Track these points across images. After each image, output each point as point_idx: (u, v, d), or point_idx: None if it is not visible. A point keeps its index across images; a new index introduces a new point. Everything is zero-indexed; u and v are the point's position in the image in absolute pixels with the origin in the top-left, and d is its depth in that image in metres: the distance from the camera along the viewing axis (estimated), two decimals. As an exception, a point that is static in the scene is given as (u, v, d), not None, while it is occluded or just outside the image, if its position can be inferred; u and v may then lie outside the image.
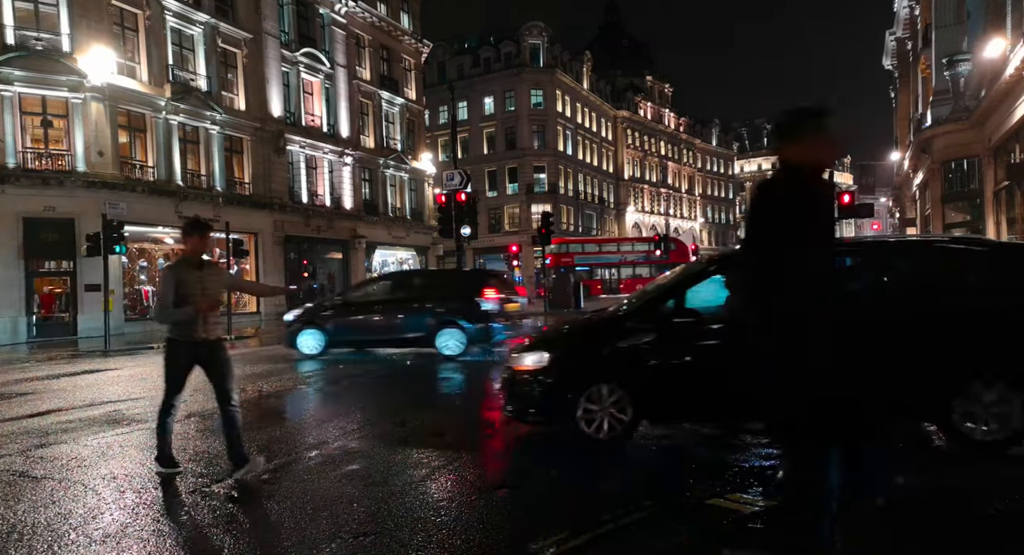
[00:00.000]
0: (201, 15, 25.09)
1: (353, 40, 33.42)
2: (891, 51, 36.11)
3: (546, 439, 5.77)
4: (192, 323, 4.73)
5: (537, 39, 53.17)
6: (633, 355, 5.29)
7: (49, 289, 21.66)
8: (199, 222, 4.98)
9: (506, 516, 3.96)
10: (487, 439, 6.23)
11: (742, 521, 3.65)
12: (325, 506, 4.14)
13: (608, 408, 5.23)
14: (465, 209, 21.39)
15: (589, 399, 5.26)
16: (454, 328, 11.87)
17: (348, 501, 4.23)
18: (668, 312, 5.36)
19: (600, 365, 5.39)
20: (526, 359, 5.56)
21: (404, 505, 4.11)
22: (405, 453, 5.42)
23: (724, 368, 5.03)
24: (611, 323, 5.75)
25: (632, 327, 5.40)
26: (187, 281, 4.74)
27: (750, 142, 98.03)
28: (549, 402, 5.45)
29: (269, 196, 27.61)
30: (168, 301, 4.73)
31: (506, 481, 4.78)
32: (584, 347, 5.67)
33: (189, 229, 4.91)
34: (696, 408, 5.32)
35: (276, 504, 4.25)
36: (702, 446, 5.45)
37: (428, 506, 4.11)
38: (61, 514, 4.15)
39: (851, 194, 20.24)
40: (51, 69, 20.51)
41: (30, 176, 20.40)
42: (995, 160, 17.26)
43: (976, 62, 17.44)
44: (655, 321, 5.38)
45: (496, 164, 53.62)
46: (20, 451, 5.82)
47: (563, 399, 5.32)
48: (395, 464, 5.10)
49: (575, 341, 5.90)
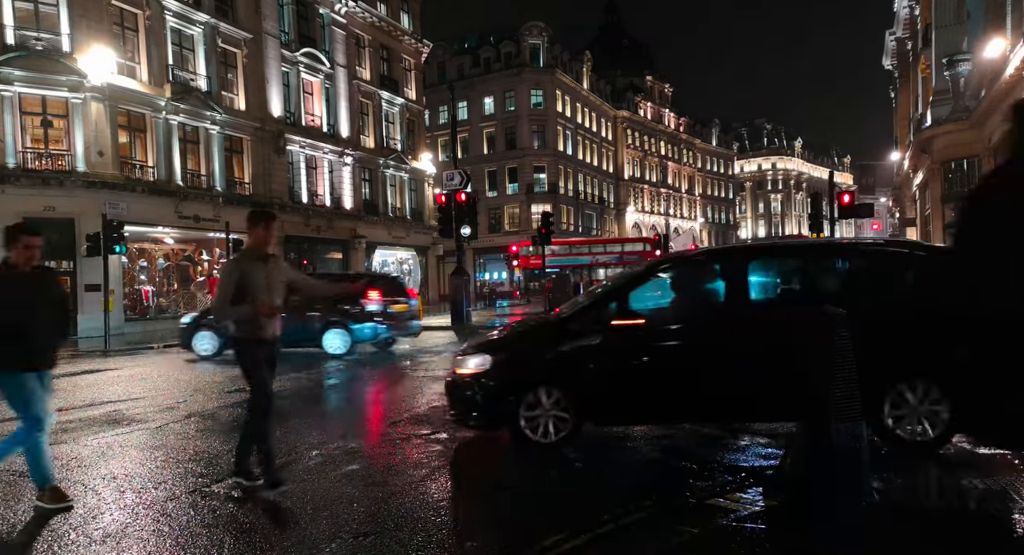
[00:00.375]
0: (201, 15, 25.08)
1: (353, 40, 33.42)
2: (891, 51, 36.12)
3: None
4: (256, 320, 4.40)
5: (537, 39, 53.17)
6: (574, 358, 5.28)
7: (49, 289, 21.64)
8: (265, 211, 4.71)
9: (506, 516, 3.96)
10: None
11: (743, 521, 3.65)
12: (325, 506, 4.14)
13: (550, 412, 5.20)
14: (465, 209, 21.40)
15: (530, 403, 5.21)
16: (340, 329, 12.81)
17: (348, 501, 4.23)
18: (610, 314, 5.39)
19: (541, 368, 5.35)
20: (468, 363, 5.49)
21: (404, 505, 4.11)
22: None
23: (670, 369, 5.19)
24: (553, 326, 5.73)
25: (574, 330, 5.38)
26: (252, 275, 4.42)
27: (750, 142, 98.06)
28: (491, 406, 5.38)
29: (269, 196, 27.60)
30: (227, 296, 4.39)
31: (506, 481, 4.79)
32: (526, 350, 5.62)
33: (254, 219, 4.57)
34: (641, 410, 5.32)
35: (277, 503, 4.26)
36: (702, 446, 5.45)
37: (428, 506, 4.11)
38: (61, 514, 4.14)
39: (851, 194, 20.29)
40: (51, 69, 20.51)
41: (30, 176, 20.40)
42: (995, 160, 17.24)
43: (976, 62, 17.45)
44: (597, 324, 5.35)
45: (496, 164, 53.62)
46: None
47: (505, 403, 5.26)
48: (396, 465, 5.11)
49: (517, 344, 5.86)
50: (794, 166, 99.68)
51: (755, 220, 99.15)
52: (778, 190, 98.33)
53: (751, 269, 5.50)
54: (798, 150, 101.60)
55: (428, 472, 4.86)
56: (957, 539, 3.41)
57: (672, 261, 6.36)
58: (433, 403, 7.52)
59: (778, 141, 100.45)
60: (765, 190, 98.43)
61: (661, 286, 5.80)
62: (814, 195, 22.86)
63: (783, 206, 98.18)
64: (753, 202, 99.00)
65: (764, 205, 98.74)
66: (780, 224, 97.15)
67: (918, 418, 4.80)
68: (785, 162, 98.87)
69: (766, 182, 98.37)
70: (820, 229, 21.95)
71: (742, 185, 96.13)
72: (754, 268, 5.61)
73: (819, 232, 22.08)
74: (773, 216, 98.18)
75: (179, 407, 7.77)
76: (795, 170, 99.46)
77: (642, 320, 5.42)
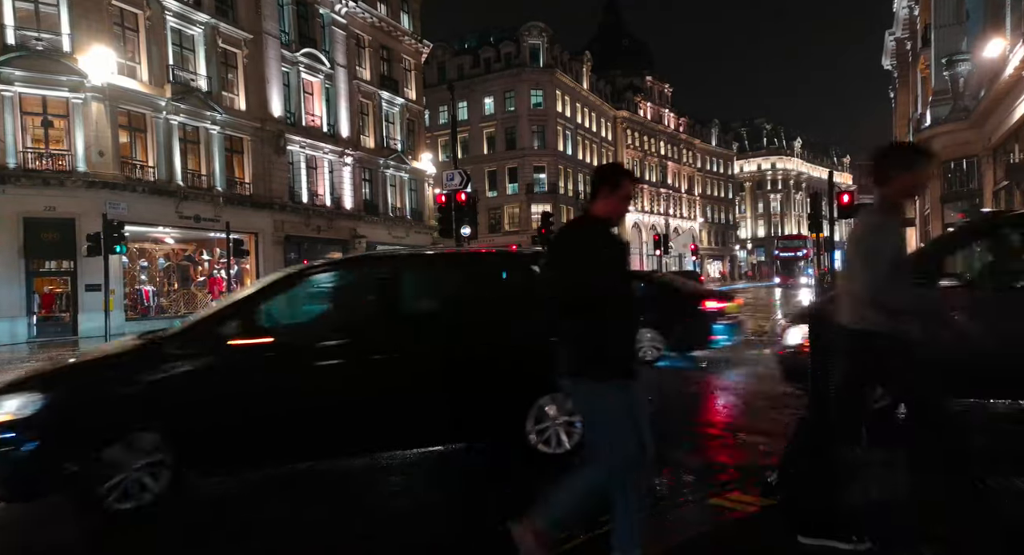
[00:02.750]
0: (201, 15, 25.09)
1: (353, 40, 33.43)
2: (891, 51, 36.17)
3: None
4: (932, 313, 3.27)
5: (537, 39, 53.18)
6: (170, 391, 4.03)
7: (49, 289, 21.66)
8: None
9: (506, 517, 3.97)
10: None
11: (743, 521, 3.65)
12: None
13: (135, 468, 3.86)
14: (465, 209, 21.40)
15: (104, 458, 3.81)
16: None
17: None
18: (228, 333, 4.26)
19: (122, 407, 3.97)
20: (3, 406, 3.86)
21: (402, 506, 4.11)
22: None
23: (297, 397, 4.23)
24: (143, 351, 4.36)
25: (172, 354, 4.16)
26: (902, 245, 3.08)
27: (750, 142, 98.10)
28: (35, 469, 3.82)
29: (269, 196, 27.62)
30: (890, 272, 2.92)
31: (505, 482, 4.80)
32: (97, 384, 4.12)
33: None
34: (262, 452, 4.26)
35: (275, 504, 4.27)
36: (700, 445, 5.47)
37: (428, 506, 4.12)
38: (60, 515, 4.14)
39: (851, 194, 20.30)
40: (51, 69, 20.51)
41: (31, 176, 20.41)
42: (994, 160, 17.30)
43: (975, 62, 17.48)
44: (206, 345, 4.24)
45: (496, 164, 53.63)
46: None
47: (57, 463, 3.78)
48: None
49: (85, 377, 4.29)
50: (794, 166, 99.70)
51: (755, 220, 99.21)
52: (778, 190, 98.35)
53: (396, 280, 4.89)
54: (798, 150, 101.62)
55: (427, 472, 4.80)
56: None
57: (301, 271, 4.96)
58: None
59: (778, 141, 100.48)
60: (765, 190, 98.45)
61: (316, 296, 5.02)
62: (814, 195, 22.88)
63: (783, 206, 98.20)
64: (753, 202, 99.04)
65: (764, 205, 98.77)
66: (780, 224, 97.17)
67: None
68: (785, 162, 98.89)
69: (766, 182, 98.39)
70: (820, 229, 21.98)
71: (742, 185, 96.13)
72: (390, 279, 4.88)
73: (819, 232, 22.12)
74: (773, 216, 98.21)
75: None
76: (795, 170, 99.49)
77: (270, 338, 4.42)
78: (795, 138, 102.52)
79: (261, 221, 27.09)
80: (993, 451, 4.11)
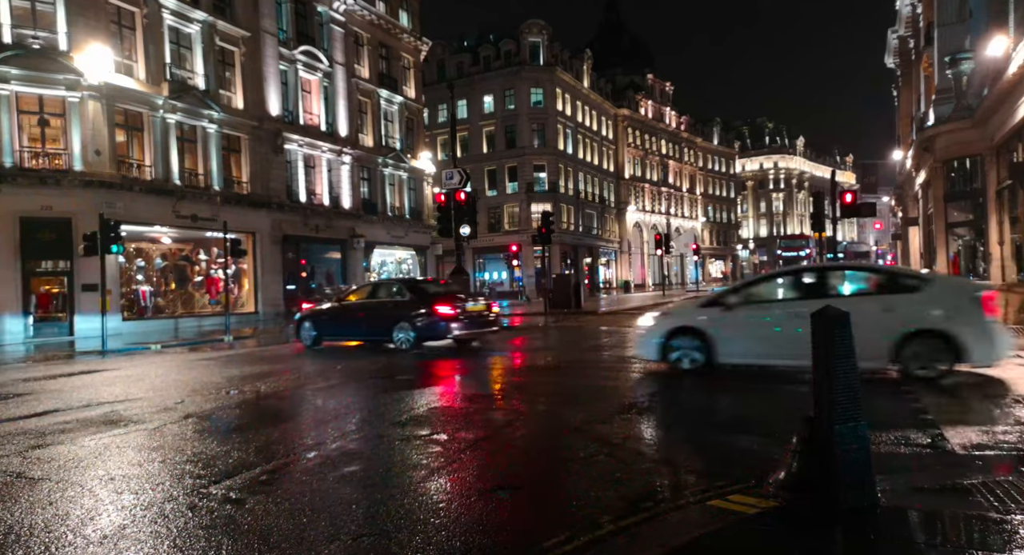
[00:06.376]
0: (199, 13, 24.98)
1: (352, 38, 33.32)
2: (893, 49, 36.05)
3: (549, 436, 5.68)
4: None
5: (537, 37, 53.04)
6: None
7: (46, 289, 21.57)
8: None
9: (505, 518, 3.89)
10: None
11: (744, 522, 3.58)
12: (324, 507, 4.08)
13: None
14: (464, 208, 21.34)
15: None
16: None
17: (347, 502, 4.16)
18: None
19: None
20: None
21: (403, 506, 4.04)
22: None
23: None
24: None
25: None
26: None
27: (752, 141, 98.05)
28: None
29: (267, 195, 27.52)
30: None
31: (505, 482, 4.72)
32: None
33: None
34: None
35: (274, 505, 4.18)
36: (704, 446, 5.38)
37: (427, 508, 4.04)
38: (58, 515, 4.10)
39: (853, 193, 20.26)
40: (48, 68, 20.41)
41: (27, 175, 20.31)
42: (998, 159, 17.20)
43: (979, 60, 17.36)
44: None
45: (496, 163, 53.51)
46: (17, 452, 5.76)
47: None
48: (394, 464, 5.03)
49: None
50: (796, 165, 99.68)
51: (757, 219, 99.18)
52: (780, 189, 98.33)
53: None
54: (800, 149, 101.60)
55: (427, 473, 4.78)
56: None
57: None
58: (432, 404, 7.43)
59: (780, 140, 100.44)
60: (767, 189, 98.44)
61: None
62: (816, 194, 22.79)
63: (785, 205, 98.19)
64: (755, 201, 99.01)
65: (766, 204, 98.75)
66: (782, 223, 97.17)
67: None
68: (787, 161, 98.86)
69: (768, 181, 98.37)
70: (822, 228, 21.88)
71: (744, 184, 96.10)
72: None
73: (821, 231, 22.01)
74: (775, 215, 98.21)
75: (177, 408, 7.70)
76: (797, 169, 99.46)
77: None
78: (797, 137, 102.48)
79: (259, 220, 26.99)
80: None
